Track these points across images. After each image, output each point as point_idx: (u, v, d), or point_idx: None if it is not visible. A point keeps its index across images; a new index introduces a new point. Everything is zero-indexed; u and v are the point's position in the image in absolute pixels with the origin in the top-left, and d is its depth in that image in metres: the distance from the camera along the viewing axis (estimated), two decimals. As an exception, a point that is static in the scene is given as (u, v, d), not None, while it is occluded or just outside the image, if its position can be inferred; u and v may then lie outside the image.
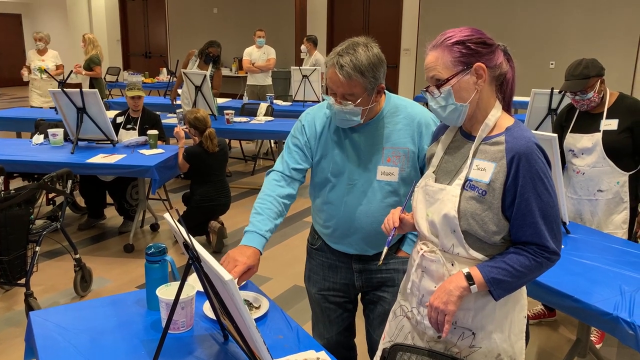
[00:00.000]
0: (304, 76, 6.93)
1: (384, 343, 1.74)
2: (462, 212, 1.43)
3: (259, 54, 7.64)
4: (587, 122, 2.85)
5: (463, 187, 1.44)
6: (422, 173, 1.86)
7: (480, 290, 1.42)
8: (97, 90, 4.15)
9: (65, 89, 4.11)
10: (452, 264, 1.48)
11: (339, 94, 1.73)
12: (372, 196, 1.84)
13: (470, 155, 1.46)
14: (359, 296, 2.11)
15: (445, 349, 1.55)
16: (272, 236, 4.55)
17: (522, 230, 1.40)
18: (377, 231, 1.87)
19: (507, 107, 1.48)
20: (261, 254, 1.79)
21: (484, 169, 1.42)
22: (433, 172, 1.54)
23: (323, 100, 1.85)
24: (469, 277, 1.41)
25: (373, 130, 1.84)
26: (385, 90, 1.87)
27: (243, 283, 1.76)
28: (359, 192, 1.86)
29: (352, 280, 2.00)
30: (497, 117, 1.45)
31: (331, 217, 1.92)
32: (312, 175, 1.98)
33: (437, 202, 1.48)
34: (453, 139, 1.55)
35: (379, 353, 1.77)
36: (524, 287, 1.53)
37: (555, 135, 2.35)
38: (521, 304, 1.53)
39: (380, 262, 1.61)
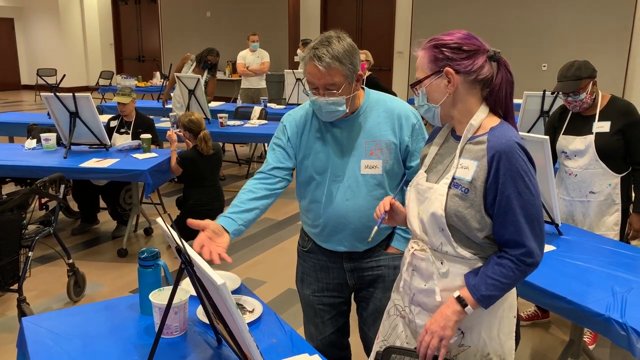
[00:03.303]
0: (297, 79, 6.94)
1: (378, 343, 1.75)
2: (448, 210, 1.45)
3: (252, 58, 7.65)
4: (580, 124, 2.87)
5: (449, 186, 1.47)
6: (405, 165, 1.90)
7: (473, 310, 1.44)
8: (89, 94, 4.14)
9: (57, 94, 4.10)
10: (442, 263, 1.50)
11: (320, 86, 1.76)
12: (358, 190, 1.86)
13: (457, 154, 1.49)
14: (352, 295, 2.12)
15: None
16: (265, 240, 4.56)
17: (503, 228, 1.42)
18: (365, 225, 1.89)
19: (504, 111, 1.49)
20: (230, 236, 1.78)
21: (467, 167, 1.45)
22: (425, 172, 1.57)
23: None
24: (460, 300, 1.44)
25: (354, 124, 1.87)
26: (364, 87, 1.92)
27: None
28: (344, 187, 1.87)
29: (345, 280, 2.02)
30: (482, 119, 1.47)
31: (319, 215, 1.93)
32: (297, 175, 1.99)
33: (427, 201, 1.51)
34: (445, 140, 1.59)
35: (373, 354, 1.77)
36: (514, 289, 1.54)
37: (547, 137, 2.36)
38: (510, 304, 1.53)
39: (370, 239, 1.63)
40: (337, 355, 2.16)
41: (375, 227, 1.61)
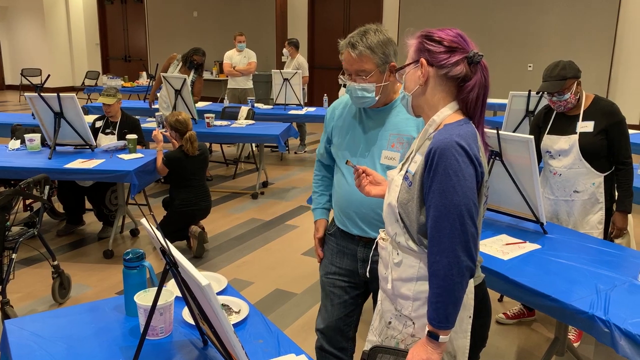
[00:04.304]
0: (285, 79, 6.93)
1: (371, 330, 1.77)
2: (398, 201, 1.50)
3: (239, 58, 7.62)
4: (564, 124, 2.89)
5: (403, 178, 1.51)
6: None
7: (447, 334, 1.42)
8: (74, 94, 4.10)
9: (42, 94, 4.06)
10: (398, 253, 1.55)
11: (352, 72, 1.90)
12: None
13: (414, 148, 1.54)
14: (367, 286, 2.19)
15: (392, 337, 1.60)
16: (253, 240, 4.55)
17: (428, 222, 1.42)
18: (375, 212, 1.97)
19: (471, 113, 1.48)
20: (328, 221, 2.22)
21: (416, 161, 1.49)
22: (402, 163, 1.61)
23: (305, 103, 1.99)
24: (432, 335, 1.43)
25: (384, 117, 1.99)
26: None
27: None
28: None
29: (357, 268, 2.09)
30: (445, 115, 1.48)
31: (339, 196, 2.07)
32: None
33: (389, 191, 1.57)
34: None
35: (367, 345, 1.78)
36: (471, 288, 1.50)
37: (531, 137, 2.39)
38: (464, 304, 1.48)
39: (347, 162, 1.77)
40: (340, 344, 2.18)
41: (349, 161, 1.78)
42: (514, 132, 4.16)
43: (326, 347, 2.17)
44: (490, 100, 7.36)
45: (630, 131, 3.62)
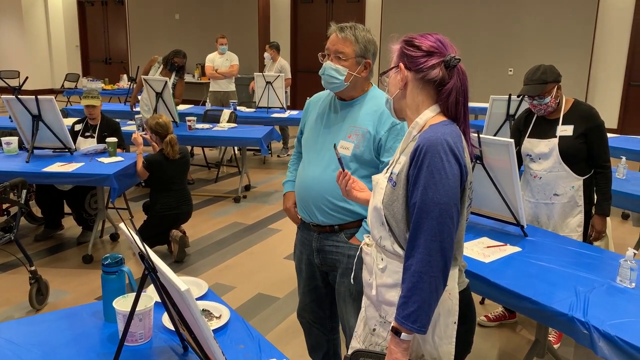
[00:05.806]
0: (267, 82, 6.92)
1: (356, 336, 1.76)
2: (384, 203, 1.50)
3: (221, 61, 7.58)
4: (544, 127, 2.92)
5: (388, 179, 1.52)
6: (377, 157, 2.04)
7: (410, 334, 1.40)
8: (52, 97, 4.04)
9: (19, 96, 3.99)
10: (382, 258, 1.54)
11: (332, 52, 2.03)
12: (327, 166, 2.08)
13: (399, 149, 1.55)
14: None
15: (376, 344, 1.60)
16: (235, 245, 4.52)
17: (412, 220, 1.42)
18: (325, 199, 2.07)
19: (453, 116, 1.49)
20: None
21: (400, 162, 1.49)
22: (386, 168, 1.61)
23: (288, 106, 2.05)
24: (394, 331, 1.42)
25: (348, 111, 2.10)
26: (374, 84, 2.15)
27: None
28: (318, 160, 2.11)
29: (313, 257, 2.22)
30: (428, 117, 1.50)
31: (297, 183, 2.19)
32: None
33: (374, 195, 1.57)
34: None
35: (350, 350, 1.77)
36: (455, 293, 1.49)
37: (512, 140, 2.41)
38: (448, 309, 1.48)
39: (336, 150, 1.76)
40: (309, 323, 2.38)
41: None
42: (494, 135, 4.19)
43: (305, 318, 2.39)
44: (471, 104, 7.42)
45: (609, 135, 3.67)
